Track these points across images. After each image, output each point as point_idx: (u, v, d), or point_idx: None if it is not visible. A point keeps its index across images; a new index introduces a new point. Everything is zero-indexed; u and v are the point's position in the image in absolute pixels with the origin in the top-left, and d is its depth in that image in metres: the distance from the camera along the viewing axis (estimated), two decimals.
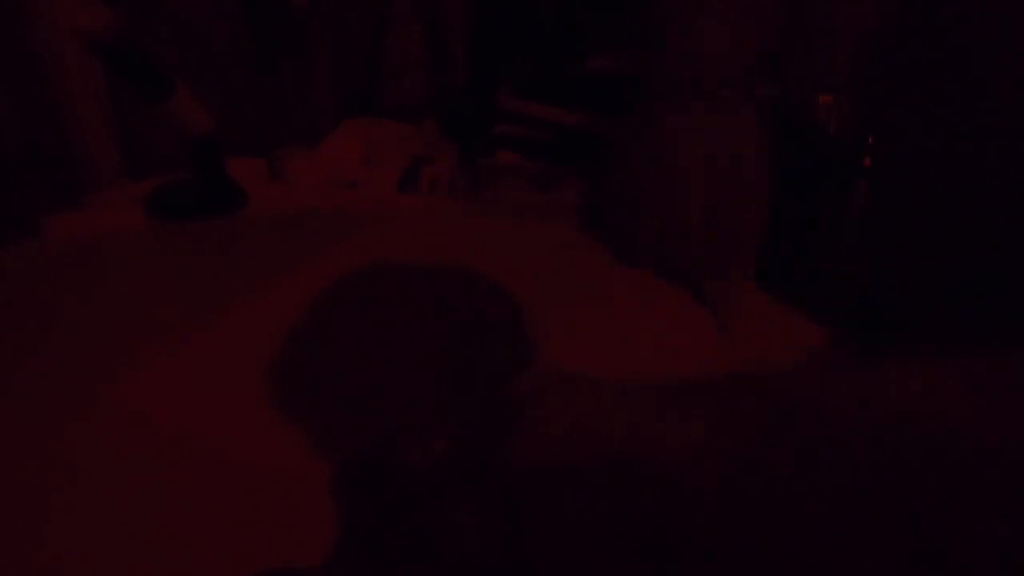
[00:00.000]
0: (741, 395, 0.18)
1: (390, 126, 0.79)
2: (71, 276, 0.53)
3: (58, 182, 0.64)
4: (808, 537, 0.15)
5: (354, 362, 0.42)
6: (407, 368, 0.41)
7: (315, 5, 0.79)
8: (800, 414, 0.17)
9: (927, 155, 0.47)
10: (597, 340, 0.44)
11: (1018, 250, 0.41)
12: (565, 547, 0.16)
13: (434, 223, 0.63)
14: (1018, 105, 0.42)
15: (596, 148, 0.71)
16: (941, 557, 0.14)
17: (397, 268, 0.55)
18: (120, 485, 0.33)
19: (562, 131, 0.84)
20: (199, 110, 0.65)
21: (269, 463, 0.34)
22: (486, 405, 0.20)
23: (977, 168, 0.44)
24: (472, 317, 0.47)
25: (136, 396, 0.39)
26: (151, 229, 0.62)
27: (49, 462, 0.34)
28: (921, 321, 0.41)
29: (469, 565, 0.17)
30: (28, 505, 0.32)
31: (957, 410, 0.15)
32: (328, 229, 0.60)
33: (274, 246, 0.57)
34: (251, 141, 0.78)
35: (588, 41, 1.01)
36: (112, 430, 0.37)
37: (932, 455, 0.15)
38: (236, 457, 0.34)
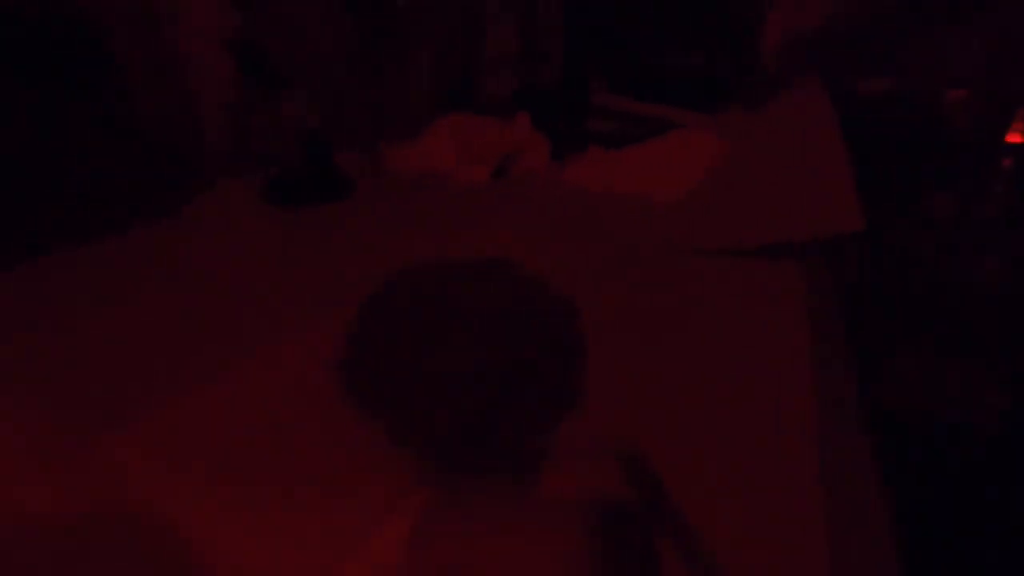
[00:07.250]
0: None
1: (483, 121, 0.81)
2: (199, 251, 0.59)
3: (189, 170, 0.71)
4: None
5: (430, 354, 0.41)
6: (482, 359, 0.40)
7: (415, 5, 0.82)
8: None
9: None
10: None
11: None
12: None
13: (525, 214, 0.65)
14: None
15: None
16: None
17: (490, 259, 0.57)
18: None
19: (652, 126, 0.84)
20: (311, 106, 0.70)
21: (348, 447, 0.35)
22: None
23: None
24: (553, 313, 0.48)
25: (258, 374, 0.41)
26: (268, 213, 0.68)
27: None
28: None
29: None
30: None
31: None
32: (424, 219, 0.64)
33: (379, 233, 0.61)
34: (354, 136, 0.82)
35: (679, 39, 1.00)
36: (226, 415, 0.39)
37: None
38: (315, 442, 0.36)
